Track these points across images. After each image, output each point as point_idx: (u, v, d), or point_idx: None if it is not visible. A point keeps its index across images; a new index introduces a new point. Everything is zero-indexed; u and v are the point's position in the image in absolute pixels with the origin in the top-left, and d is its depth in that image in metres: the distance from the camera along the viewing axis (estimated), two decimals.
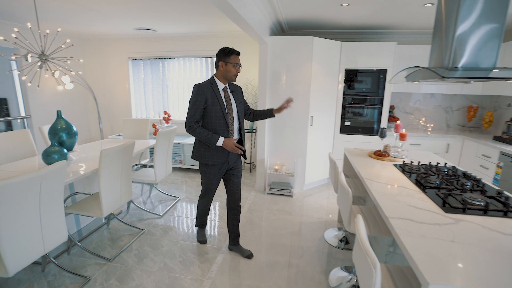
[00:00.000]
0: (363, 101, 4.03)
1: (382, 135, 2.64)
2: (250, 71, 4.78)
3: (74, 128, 2.81)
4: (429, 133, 4.22)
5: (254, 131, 4.85)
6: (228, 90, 2.27)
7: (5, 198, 1.53)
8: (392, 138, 3.64)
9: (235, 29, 4.32)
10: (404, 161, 2.37)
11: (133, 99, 5.50)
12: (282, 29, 4.32)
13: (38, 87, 3.70)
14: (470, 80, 1.81)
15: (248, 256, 2.48)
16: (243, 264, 2.42)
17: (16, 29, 3.08)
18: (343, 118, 4.12)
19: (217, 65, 2.19)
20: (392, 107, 4.61)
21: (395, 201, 1.62)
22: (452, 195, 1.68)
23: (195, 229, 2.93)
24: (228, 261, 2.46)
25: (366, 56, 3.86)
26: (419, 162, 2.32)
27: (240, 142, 2.37)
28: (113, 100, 5.58)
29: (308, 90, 3.69)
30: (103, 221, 3.06)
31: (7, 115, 5.35)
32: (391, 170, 2.22)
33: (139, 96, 5.47)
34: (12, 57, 3.55)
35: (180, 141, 4.73)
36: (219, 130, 2.19)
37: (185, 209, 3.45)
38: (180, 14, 3.59)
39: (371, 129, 4.09)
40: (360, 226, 1.29)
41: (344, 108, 4.09)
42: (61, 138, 2.67)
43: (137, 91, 5.46)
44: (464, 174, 2.07)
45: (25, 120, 4.67)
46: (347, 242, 2.73)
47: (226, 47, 2.16)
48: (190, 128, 2.18)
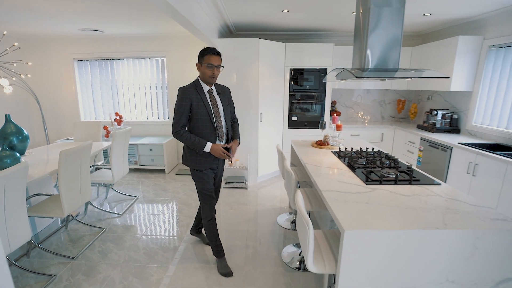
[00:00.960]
0: (308, 98, 4.43)
1: (322, 127, 3.00)
2: None
3: (25, 132, 2.74)
4: (366, 124, 4.79)
5: None
6: (214, 92, 2.17)
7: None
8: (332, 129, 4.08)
9: (186, 30, 4.43)
10: (340, 148, 2.76)
11: (80, 101, 5.29)
12: (230, 31, 4.54)
13: None
14: (385, 78, 2.22)
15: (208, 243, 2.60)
16: (204, 250, 2.60)
17: None
18: (291, 114, 4.49)
19: (197, 67, 2.11)
20: (334, 102, 5.10)
21: (329, 179, 1.94)
22: (373, 171, 2.05)
23: (215, 259, 2.44)
24: (190, 248, 2.62)
25: (308, 56, 4.26)
26: (352, 148, 2.72)
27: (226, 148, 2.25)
28: (58, 103, 5.31)
29: (257, 88, 3.96)
30: (60, 225, 3.01)
31: None
32: (329, 156, 2.57)
33: (87, 98, 5.27)
34: None
35: (135, 142, 4.70)
36: (206, 134, 2.10)
37: (145, 207, 3.51)
38: (128, 17, 3.61)
39: (316, 123, 4.51)
40: (298, 199, 1.57)
41: (291, 104, 4.46)
42: (12, 142, 2.60)
43: (84, 93, 5.26)
44: (386, 156, 2.49)
45: None
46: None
47: (205, 47, 2.07)
48: (176, 134, 2.08)
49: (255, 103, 4.02)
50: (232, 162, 2.04)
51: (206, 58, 2.03)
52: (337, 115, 4.98)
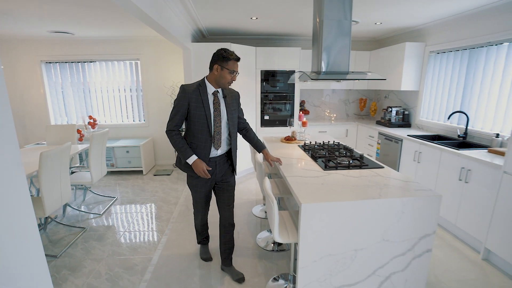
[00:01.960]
0: (278, 98, 4.76)
1: (290, 124, 3.33)
2: (176, 74, 5.10)
3: None
4: (332, 121, 5.21)
5: (183, 130, 5.18)
6: (220, 94, 2.01)
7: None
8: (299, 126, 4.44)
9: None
10: (305, 142, 3.10)
11: (50, 105, 5.22)
12: (203, 35, 4.77)
13: None
14: (339, 80, 2.58)
15: (239, 280, 2.22)
16: (186, 237, 2.82)
17: None
18: (263, 113, 4.80)
19: (211, 67, 1.95)
20: (303, 102, 5.49)
21: (293, 167, 2.25)
22: (331, 160, 2.40)
23: (198, 246, 2.67)
24: (172, 240, 2.83)
25: (278, 59, 4.59)
26: (315, 142, 3.06)
27: (230, 155, 2.15)
28: (25, 107, 5.20)
29: None
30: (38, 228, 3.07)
31: None
32: (296, 149, 2.90)
33: (57, 101, 5.22)
34: None
35: (110, 144, 4.77)
36: (201, 138, 1.96)
37: (124, 206, 3.64)
38: (100, 20, 3.67)
39: (286, 121, 4.86)
40: (266, 183, 1.86)
41: (264, 104, 4.76)
42: None
43: (54, 96, 5.20)
44: (344, 147, 2.86)
45: None
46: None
47: (226, 49, 1.91)
48: (168, 133, 1.98)
49: None
50: (278, 163, 2.18)
51: (231, 64, 1.89)
52: (306, 113, 5.37)
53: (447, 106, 3.72)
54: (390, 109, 4.48)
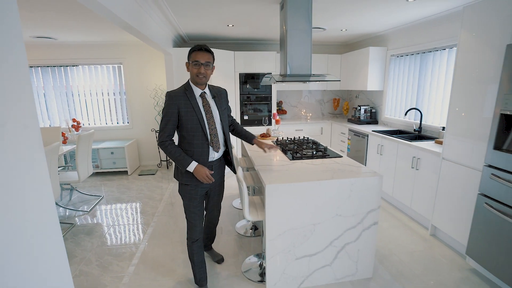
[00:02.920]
0: (257, 99, 5.08)
1: (264, 122, 3.65)
2: (158, 77, 5.33)
3: None
4: (308, 120, 5.58)
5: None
6: (208, 96, 1.95)
7: None
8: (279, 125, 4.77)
9: None
10: (277, 138, 3.42)
11: None
12: (184, 40, 5.03)
13: None
14: (306, 81, 2.92)
15: (218, 261, 2.46)
16: (170, 227, 3.07)
17: None
18: (242, 114, 5.10)
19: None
20: (280, 102, 5.83)
21: (264, 159, 2.56)
22: (298, 152, 2.73)
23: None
24: (158, 230, 3.07)
25: (256, 62, 4.91)
26: (287, 137, 3.39)
27: (224, 159, 2.12)
28: (6, 110, 5.27)
29: None
30: None
31: None
32: None
33: (39, 105, 5.29)
34: None
35: (95, 146, 4.94)
36: (198, 144, 1.88)
37: (111, 203, 3.84)
38: (82, 25, 3.82)
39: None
40: (239, 171, 2.16)
41: (244, 105, 5.06)
42: None
43: (35, 99, 5.29)
44: (312, 142, 3.20)
45: None
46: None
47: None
48: (161, 144, 1.87)
49: None
50: (272, 150, 2.16)
51: (193, 55, 1.83)
52: (283, 113, 5.71)
53: (406, 103, 4.16)
54: (359, 108, 4.89)
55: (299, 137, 3.42)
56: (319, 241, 2.09)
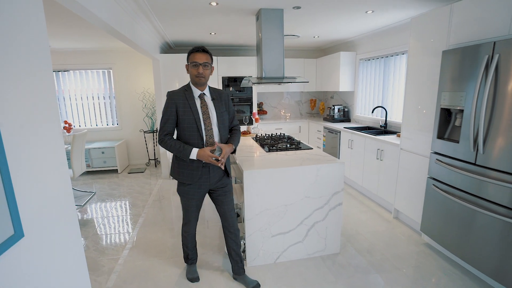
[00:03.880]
0: (239, 101, 5.41)
1: (245, 121, 3.99)
2: (146, 81, 5.58)
3: None
4: (287, 119, 5.96)
5: (156, 131, 5.66)
6: (207, 97, 1.99)
7: None
8: (258, 123, 5.13)
9: None
10: (257, 135, 3.76)
11: None
12: (170, 46, 5.32)
13: None
14: (280, 83, 3.28)
15: (255, 287, 2.14)
16: (160, 218, 3.35)
17: None
18: None
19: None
20: (261, 103, 6.19)
21: (244, 152, 2.89)
22: (275, 146, 3.07)
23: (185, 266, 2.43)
24: (149, 219, 3.34)
25: (237, 66, 5.24)
26: (265, 134, 3.73)
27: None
28: None
29: None
30: None
31: None
32: (250, 141, 3.55)
33: None
34: None
35: (87, 146, 5.13)
36: (194, 143, 1.93)
37: (103, 198, 4.07)
38: (74, 34, 4.11)
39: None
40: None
41: None
42: None
43: None
44: (287, 137, 3.55)
45: None
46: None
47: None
48: (161, 142, 1.94)
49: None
50: (221, 165, 1.94)
51: (191, 56, 1.89)
52: (264, 113, 6.07)
53: (374, 102, 4.59)
54: (333, 107, 5.30)
55: (276, 134, 3.77)
56: (292, 220, 2.43)
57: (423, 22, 2.72)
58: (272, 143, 3.13)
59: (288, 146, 3.00)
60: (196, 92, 1.96)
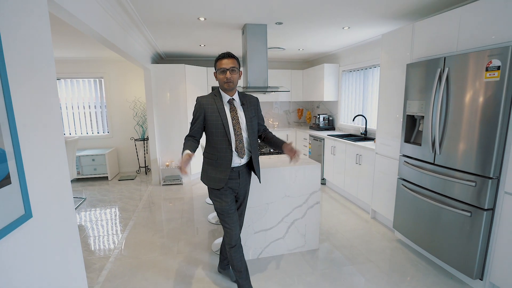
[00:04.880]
0: None
1: None
2: (137, 89, 5.77)
3: None
4: (275, 128, 6.20)
5: (146, 139, 5.81)
6: (236, 102, 1.98)
7: None
8: None
9: None
10: None
11: None
12: (161, 57, 5.54)
13: None
14: (265, 92, 3.52)
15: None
16: (150, 220, 3.49)
17: None
18: None
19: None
20: None
21: None
22: (260, 150, 3.28)
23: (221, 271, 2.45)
24: (140, 222, 3.48)
25: None
26: None
27: (251, 164, 2.07)
28: None
29: (185, 103, 5.02)
30: None
31: None
32: None
33: None
34: None
35: (77, 154, 5.23)
36: (221, 148, 1.91)
37: (94, 204, 4.17)
38: (67, 43, 4.29)
39: None
40: None
41: None
42: None
43: None
44: None
45: None
46: None
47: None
48: (185, 138, 1.99)
49: (185, 114, 5.05)
50: (296, 158, 1.97)
51: (218, 63, 1.91)
52: None
53: (355, 111, 4.88)
54: (319, 116, 5.58)
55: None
56: (273, 218, 2.62)
57: (391, 39, 3.02)
58: (259, 149, 3.34)
59: (272, 151, 3.21)
60: (226, 98, 1.95)
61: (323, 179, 4.92)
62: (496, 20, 1.98)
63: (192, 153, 1.84)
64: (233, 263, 2.05)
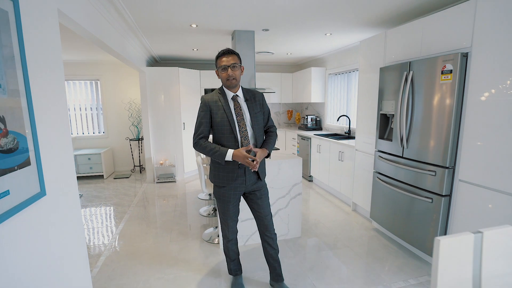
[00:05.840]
0: None
1: None
2: (133, 91, 5.98)
3: None
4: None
5: (141, 139, 6.01)
6: (240, 99, 1.96)
7: None
8: None
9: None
10: None
11: None
12: (156, 60, 5.77)
13: None
14: None
15: None
16: (144, 214, 3.69)
17: None
18: None
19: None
20: None
21: None
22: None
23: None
24: (134, 216, 3.68)
25: (218, 79, 5.72)
26: None
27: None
28: None
29: (179, 105, 5.25)
30: None
31: None
32: None
33: None
34: None
35: (74, 153, 5.41)
36: (229, 145, 1.90)
37: (91, 200, 4.36)
38: (67, 46, 4.51)
39: None
40: (198, 158, 2.90)
41: None
42: None
43: None
44: None
45: None
46: (211, 197, 4.37)
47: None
48: (195, 145, 1.92)
49: (178, 115, 5.28)
50: (253, 168, 1.87)
51: (218, 61, 1.89)
52: None
53: (340, 112, 5.17)
54: (307, 117, 5.85)
55: None
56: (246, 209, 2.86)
57: (368, 45, 3.31)
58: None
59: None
60: (229, 95, 1.94)
61: (310, 176, 5.17)
62: (449, 30, 2.26)
63: (249, 145, 1.88)
64: (228, 253, 2.17)
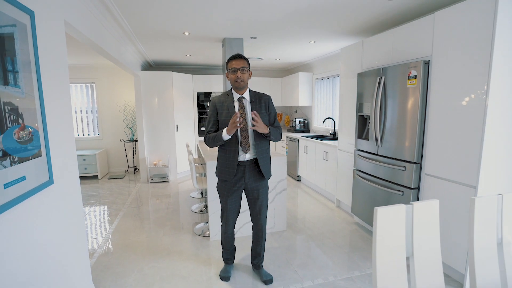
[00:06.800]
0: None
1: None
2: (127, 94, 6.16)
3: None
4: None
5: (136, 140, 6.18)
6: (246, 100, 2.08)
7: None
8: None
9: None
10: None
11: None
12: (150, 65, 5.98)
13: None
14: None
15: (266, 281, 2.29)
16: (138, 211, 3.87)
17: None
18: (200, 124, 6.07)
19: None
20: None
21: (211, 154, 3.54)
22: None
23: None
24: (129, 212, 3.86)
25: (210, 83, 5.97)
26: None
27: (257, 163, 2.12)
28: None
29: (172, 108, 5.45)
30: None
31: None
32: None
33: None
34: None
35: None
36: (230, 143, 2.04)
37: (87, 198, 4.51)
38: None
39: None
40: (190, 157, 3.11)
41: (200, 119, 6.04)
42: None
43: None
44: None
45: None
46: (202, 195, 4.57)
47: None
48: (204, 139, 2.13)
49: (172, 118, 5.48)
50: (254, 124, 1.94)
51: (229, 64, 2.03)
52: None
53: (326, 115, 5.43)
54: (295, 120, 6.11)
55: None
56: (245, 202, 3.06)
57: (348, 52, 3.58)
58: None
59: None
60: (236, 96, 2.07)
61: (298, 176, 5.41)
62: (414, 40, 2.54)
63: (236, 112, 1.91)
64: (224, 245, 2.37)
